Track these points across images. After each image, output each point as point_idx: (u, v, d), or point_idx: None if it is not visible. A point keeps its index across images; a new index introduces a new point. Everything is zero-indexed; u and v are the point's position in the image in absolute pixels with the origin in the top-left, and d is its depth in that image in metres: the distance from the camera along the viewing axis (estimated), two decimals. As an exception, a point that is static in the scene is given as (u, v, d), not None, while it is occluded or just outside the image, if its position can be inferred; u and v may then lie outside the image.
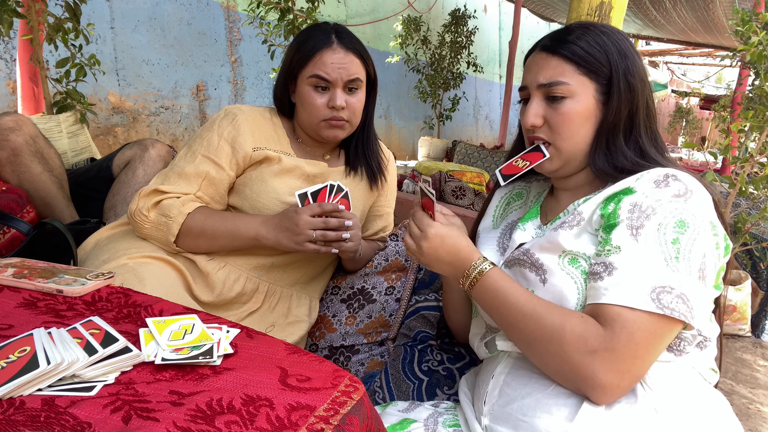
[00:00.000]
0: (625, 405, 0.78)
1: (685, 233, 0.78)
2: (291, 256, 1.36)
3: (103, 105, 4.38)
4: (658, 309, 0.74)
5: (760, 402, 2.32)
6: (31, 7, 2.50)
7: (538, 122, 0.93)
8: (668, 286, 0.75)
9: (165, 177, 1.28)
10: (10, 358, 0.61)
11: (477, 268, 0.88)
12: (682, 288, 0.75)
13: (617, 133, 0.90)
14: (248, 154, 1.30)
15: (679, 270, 0.76)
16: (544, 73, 0.92)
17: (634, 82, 0.90)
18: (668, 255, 0.77)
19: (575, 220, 0.88)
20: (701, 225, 0.79)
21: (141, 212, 1.24)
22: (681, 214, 0.79)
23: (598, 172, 0.91)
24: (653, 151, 0.91)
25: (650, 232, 0.78)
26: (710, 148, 2.73)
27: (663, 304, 0.74)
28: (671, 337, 0.78)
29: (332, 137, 1.33)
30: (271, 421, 0.57)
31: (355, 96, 1.31)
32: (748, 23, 2.47)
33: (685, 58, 15.62)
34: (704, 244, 0.79)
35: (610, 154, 0.90)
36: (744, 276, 3.02)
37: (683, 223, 0.78)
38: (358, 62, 1.31)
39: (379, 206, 1.55)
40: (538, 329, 0.80)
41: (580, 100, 0.90)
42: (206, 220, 1.23)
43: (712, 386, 0.86)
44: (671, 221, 0.79)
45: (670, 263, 0.76)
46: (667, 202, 0.80)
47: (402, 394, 1.22)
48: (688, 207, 0.80)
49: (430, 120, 8.27)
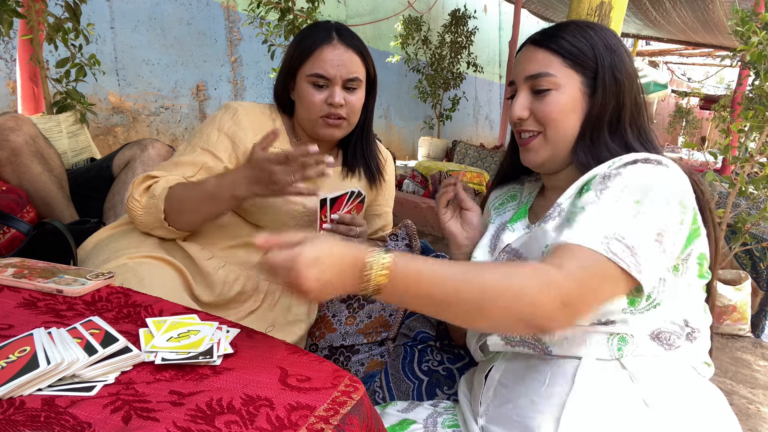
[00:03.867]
0: (613, 399, 0.78)
1: (648, 196, 0.78)
2: None
3: (103, 105, 4.38)
4: (606, 252, 0.73)
5: (759, 402, 2.32)
6: (31, 7, 2.51)
7: (524, 114, 0.94)
8: (620, 235, 0.75)
9: (161, 167, 1.28)
10: (10, 358, 0.61)
11: (375, 261, 0.71)
12: (633, 241, 0.75)
13: (601, 127, 0.91)
14: (248, 149, 1.29)
15: (635, 225, 0.76)
16: (531, 65, 0.93)
17: (621, 77, 0.91)
18: (627, 211, 0.77)
19: (555, 212, 0.89)
20: (668, 196, 0.79)
21: (133, 198, 1.21)
22: (646, 180, 0.79)
23: (581, 165, 0.91)
24: (639, 146, 0.91)
25: (614, 191, 0.79)
26: (710, 148, 2.73)
27: (612, 250, 0.74)
28: (616, 287, 0.76)
29: (329, 136, 1.33)
30: (271, 421, 0.57)
31: (354, 94, 1.31)
32: (748, 23, 2.47)
33: (685, 58, 15.62)
34: (667, 213, 0.78)
35: (593, 146, 0.91)
36: (744, 276, 3.02)
37: (649, 188, 0.78)
38: (358, 60, 1.31)
39: (378, 205, 1.55)
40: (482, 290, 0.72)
41: (565, 91, 0.91)
42: (184, 189, 1.20)
43: (706, 380, 0.86)
44: (636, 185, 0.79)
45: (627, 218, 0.76)
46: (635, 171, 0.80)
47: (402, 394, 1.22)
48: (656, 176, 0.80)
49: (430, 120, 8.27)
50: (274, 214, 1.31)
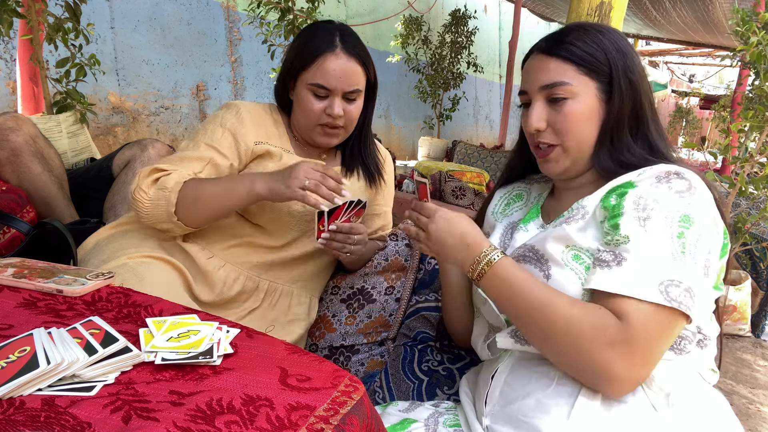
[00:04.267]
0: (622, 403, 0.78)
1: (690, 228, 0.78)
2: (291, 254, 1.36)
3: (103, 105, 4.38)
4: (666, 302, 0.74)
5: (760, 402, 2.32)
6: (31, 7, 2.50)
7: (542, 126, 0.93)
8: (676, 279, 0.75)
9: (166, 160, 1.27)
10: (10, 358, 0.61)
11: (487, 257, 0.85)
12: (689, 282, 0.76)
13: (622, 130, 0.91)
14: (250, 147, 1.30)
15: (685, 264, 0.76)
16: (544, 75, 0.92)
17: (635, 79, 0.90)
18: (674, 249, 0.77)
19: (580, 214, 0.89)
20: (705, 221, 0.80)
21: (141, 189, 1.20)
22: (685, 209, 0.79)
23: (602, 170, 0.91)
24: (663, 145, 0.92)
25: (657, 225, 0.79)
26: (710, 148, 2.73)
27: (671, 297, 0.74)
28: (678, 330, 0.78)
29: (325, 144, 1.34)
30: (271, 421, 0.57)
31: (353, 104, 1.31)
32: (748, 23, 2.47)
33: (685, 58, 15.61)
34: (709, 240, 0.80)
35: (614, 150, 0.91)
36: (744, 276, 3.02)
37: (688, 218, 0.79)
38: (360, 71, 1.30)
39: (377, 205, 1.55)
40: (552, 321, 0.78)
41: (581, 99, 0.90)
42: (200, 184, 1.20)
43: (711, 386, 0.86)
44: (676, 216, 0.79)
45: (676, 257, 0.77)
46: (671, 198, 0.80)
47: (402, 394, 1.22)
48: (692, 203, 0.80)
49: (430, 120, 8.27)
50: (275, 214, 1.31)
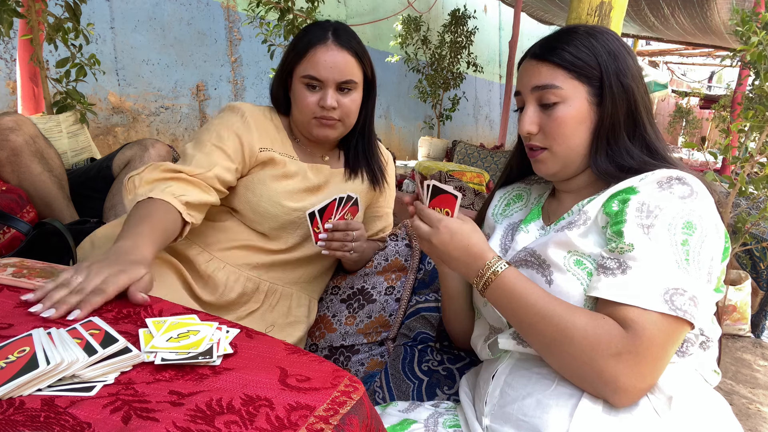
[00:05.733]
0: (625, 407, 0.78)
1: (693, 235, 0.79)
2: (292, 256, 1.36)
3: (103, 105, 4.38)
4: (671, 310, 0.74)
5: (760, 402, 2.32)
6: (31, 7, 2.51)
7: (533, 129, 0.94)
8: (681, 288, 0.76)
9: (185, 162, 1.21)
10: (10, 358, 0.61)
11: (491, 268, 0.86)
12: (693, 290, 0.76)
13: (618, 133, 0.91)
14: (254, 154, 1.29)
15: (689, 272, 0.77)
16: (536, 79, 0.93)
17: (628, 82, 0.90)
18: (678, 257, 0.77)
19: (581, 220, 0.88)
20: (708, 227, 0.80)
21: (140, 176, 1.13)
22: (688, 215, 0.80)
23: (601, 173, 0.91)
24: (661, 146, 0.92)
25: (661, 232, 0.79)
26: (710, 148, 2.73)
27: (676, 305, 0.75)
28: (682, 337, 0.78)
29: (323, 136, 1.32)
30: (270, 421, 0.57)
31: (348, 96, 1.29)
32: (748, 23, 2.47)
33: (685, 58, 15.62)
34: (711, 246, 0.80)
35: (612, 154, 0.91)
36: (744, 276, 3.02)
37: (691, 225, 0.79)
38: (354, 62, 1.29)
39: (379, 207, 1.55)
40: (558, 331, 0.79)
41: (572, 104, 0.91)
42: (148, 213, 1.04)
43: (712, 388, 0.86)
44: (679, 222, 0.79)
45: (680, 265, 0.77)
46: (674, 204, 0.81)
47: (402, 394, 1.22)
48: (694, 209, 0.80)
49: (430, 120, 8.28)
50: (276, 223, 1.31)
